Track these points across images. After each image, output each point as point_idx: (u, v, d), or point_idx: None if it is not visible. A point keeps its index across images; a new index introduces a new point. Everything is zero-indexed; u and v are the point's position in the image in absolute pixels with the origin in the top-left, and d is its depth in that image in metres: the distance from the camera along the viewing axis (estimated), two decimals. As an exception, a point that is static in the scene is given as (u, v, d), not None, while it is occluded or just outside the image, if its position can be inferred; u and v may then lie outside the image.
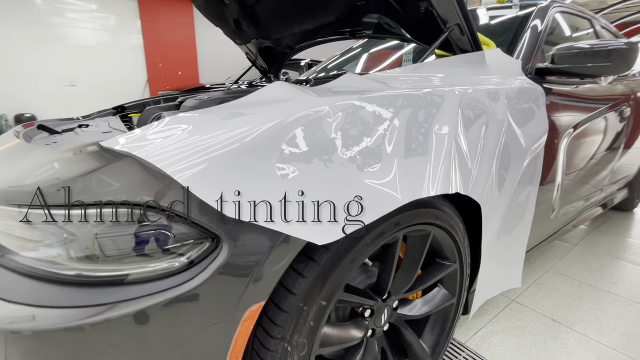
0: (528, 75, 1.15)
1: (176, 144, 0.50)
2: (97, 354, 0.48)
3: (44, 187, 0.50)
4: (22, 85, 5.29)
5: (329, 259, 0.61)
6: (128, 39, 6.02)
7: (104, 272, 0.49)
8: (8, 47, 5.21)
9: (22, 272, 0.53)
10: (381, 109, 0.65)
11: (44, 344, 0.48)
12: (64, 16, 5.58)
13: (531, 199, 1.10)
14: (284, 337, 0.59)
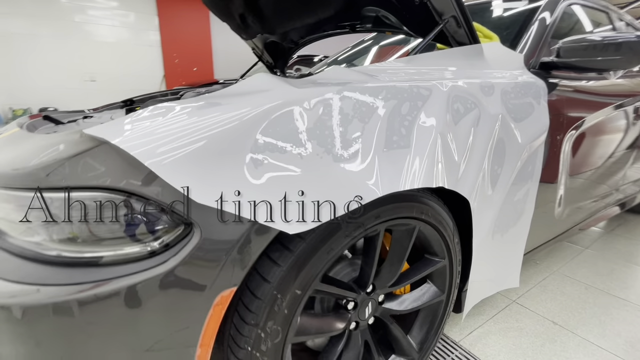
0: (531, 69, 1.11)
1: (150, 132, 0.52)
2: (75, 330, 0.51)
3: (29, 171, 0.53)
4: (46, 80, 5.52)
5: (304, 249, 0.62)
6: (146, 35, 6.18)
7: (81, 254, 0.51)
8: (35, 43, 5.44)
9: (12, 252, 0.56)
10: (361, 101, 0.65)
11: (29, 319, 0.51)
12: (86, 14, 5.77)
13: (530, 197, 1.07)
14: (258, 323, 0.61)
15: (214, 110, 0.56)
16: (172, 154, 0.50)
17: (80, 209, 0.51)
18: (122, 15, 6.05)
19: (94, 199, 0.50)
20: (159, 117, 0.56)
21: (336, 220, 0.63)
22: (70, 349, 0.51)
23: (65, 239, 0.52)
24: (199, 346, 0.56)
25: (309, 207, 0.57)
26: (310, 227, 0.57)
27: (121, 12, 6.03)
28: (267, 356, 0.63)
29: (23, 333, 0.51)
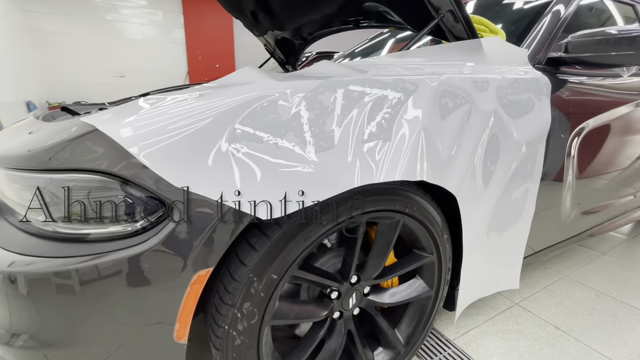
0: (536, 65, 1.08)
1: (135, 120, 0.56)
2: (64, 296, 0.56)
3: (31, 153, 0.59)
4: (80, 76, 5.85)
5: (280, 236, 0.65)
6: (171, 33, 6.40)
7: (71, 231, 0.57)
8: (70, 41, 5.78)
9: (19, 228, 0.62)
10: (341, 94, 0.67)
11: (30, 285, 0.57)
12: (118, 12, 6.06)
13: (530, 196, 1.04)
14: (234, 304, 0.64)
15: (197, 101, 0.59)
16: (152, 140, 0.54)
17: (71, 190, 0.56)
18: (151, 13, 6.29)
19: (82, 181, 0.55)
20: (147, 107, 0.60)
21: (313, 209, 0.66)
22: (59, 314, 0.56)
23: (59, 217, 0.58)
24: (177, 321, 0.60)
25: (281, 195, 0.59)
26: (281, 215, 0.59)
27: (150, 10, 6.28)
28: (243, 335, 0.66)
29: (23, 297, 0.56)
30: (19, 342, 0.60)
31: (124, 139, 0.54)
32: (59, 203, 0.57)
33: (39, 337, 0.59)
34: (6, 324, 0.60)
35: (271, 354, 0.75)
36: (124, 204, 0.56)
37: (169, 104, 0.60)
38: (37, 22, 5.54)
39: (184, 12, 6.31)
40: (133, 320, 0.58)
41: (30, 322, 0.58)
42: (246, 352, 0.67)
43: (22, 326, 0.60)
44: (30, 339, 0.60)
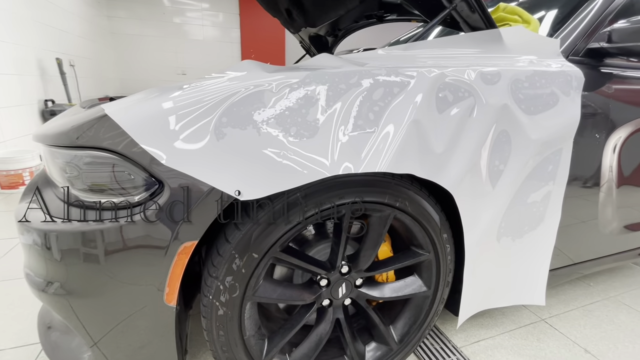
0: (571, 57, 0.98)
1: (137, 106, 0.64)
2: (80, 253, 0.66)
3: (64, 130, 0.69)
4: (149, 73, 6.53)
5: (261, 218, 0.69)
6: (229, 33, 6.82)
7: (88, 199, 0.67)
8: (142, 42, 6.47)
9: (57, 196, 0.75)
10: (328, 86, 0.68)
11: (58, 241, 0.68)
12: (184, 15, 6.62)
13: (553, 201, 0.96)
14: (218, 276, 0.70)
15: (193, 88, 0.65)
16: (151, 124, 0.61)
17: (87, 165, 0.66)
18: (212, 15, 6.77)
19: (95, 157, 0.65)
20: (154, 95, 0.68)
21: (295, 195, 0.69)
22: (77, 267, 0.67)
23: (80, 187, 0.69)
24: (167, 286, 0.68)
25: (259, 179, 0.63)
26: (261, 196, 0.63)
27: (212, 12, 6.76)
28: (226, 307, 0.72)
29: (53, 251, 0.68)
30: (51, 289, 0.73)
31: (122, 121, 0.62)
32: (80, 175, 0.67)
33: (65, 286, 0.71)
34: (43, 274, 0.73)
35: (255, 329, 0.80)
36: (126, 179, 0.65)
37: (170, 92, 0.67)
38: (117, 26, 6.29)
39: (241, 13, 6.68)
40: (131, 280, 0.67)
41: (59, 273, 0.70)
42: (228, 323, 0.73)
43: (53, 276, 0.72)
44: (60, 287, 0.72)
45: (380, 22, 1.39)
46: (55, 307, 0.74)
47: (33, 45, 3.57)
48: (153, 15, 6.46)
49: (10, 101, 3.14)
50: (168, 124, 0.62)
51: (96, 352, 0.75)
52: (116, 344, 0.73)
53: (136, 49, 6.44)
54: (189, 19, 6.67)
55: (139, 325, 0.71)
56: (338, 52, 1.99)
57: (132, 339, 0.72)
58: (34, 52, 3.57)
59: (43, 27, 3.84)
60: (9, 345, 1.07)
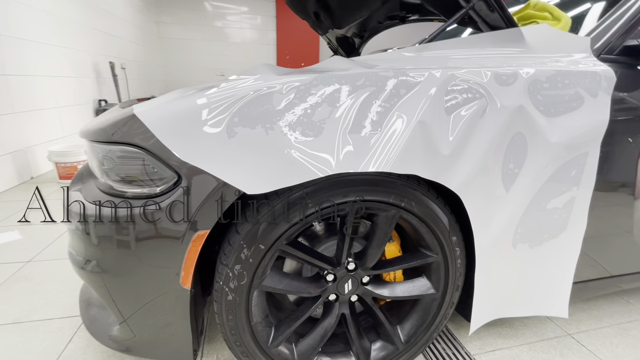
0: (605, 55, 0.92)
1: (161, 107, 0.71)
2: (110, 236, 0.75)
3: (102, 127, 0.79)
4: (190, 75, 6.92)
5: (268, 212, 0.73)
6: (265, 35, 7.03)
7: (119, 188, 0.75)
8: (186, 45, 6.87)
9: (96, 186, 0.85)
10: (334, 87, 0.71)
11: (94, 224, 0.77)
12: (225, 19, 6.95)
13: (577, 208, 0.91)
14: (228, 264, 0.76)
15: (211, 90, 0.71)
16: (171, 123, 0.68)
17: (119, 158, 0.74)
18: (251, 18, 7.03)
19: (125, 152, 0.73)
20: (174, 96, 0.75)
21: (299, 192, 0.73)
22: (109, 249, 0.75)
23: (114, 178, 0.77)
24: (182, 270, 0.74)
25: (264, 176, 0.68)
26: (266, 191, 0.68)
27: (250, 15, 7.02)
28: (234, 293, 0.77)
29: (90, 233, 0.77)
30: (89, 267, 0.83)
31: (147, 120, 0.69)
32: (114, 168, 0.76)
33: (101, 264, 0.81)
34: (83, 253, 0.83)
35: (263, 316, 0.85)
36: (151, 172, 0.72)
37: (190, 93, 0.74)
38: (164, 31, 6.73)
39: (277, 15, 6.86)
40: (153, 263, 0.75)
41: (96, 251, 0.80)
42: (236, 308, 0.78)
43: (92, 254, 0.81)
44: (97, 265, 0.81)
45: (403, 23, 1.39)
46: (92, 283, 0.83)
47: (90, 50, 3.95)
48: (196, 20, 6.85)
49: (70, 100, 3.50)
50: (186, 123, 0.68)
51: (125, 328, 0.84)
52: (143, 322, 0.81)
53: (180, 52, 6.86)
54: (229, 22, 6.98)
55: (162, 305, 0.78)
56: (371, 51, 2.00)
57: (156, 318, 0.80)
58: (91, 57, 3.94)
59: (99, 34, 4.22)
60: (57, 316, 1.22)
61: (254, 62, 7.04)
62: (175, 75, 6.87)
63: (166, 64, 6.79)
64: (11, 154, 2.61)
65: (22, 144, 2.74)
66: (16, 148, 2.67)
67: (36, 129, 2.92)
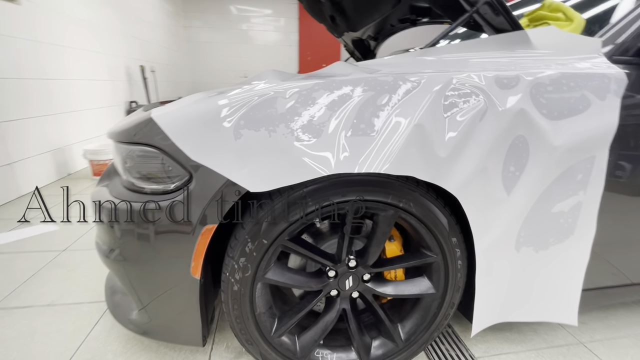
0: (619, 56, 0.89)
1: (175, 111, 0.78)
2: (130, 228, 0.83)
3: (125, 128, 0.87)
4: (215, 77, 7.16)
5: (271, 208, 0.78)
6: (288, 37, 7.15)
7: (138, 185, 0.83)
8: (212, 48, 7.12)
9: (121, 182, 0.93)
10: (335, 92, 0.75)
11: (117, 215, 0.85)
12: (250, 22, 7.14)
13: (584, 213, 0.89)
14: (233, 256, 0.81)
15: (220, 94, 0.77)
16: (184, 126, 0.75)
17: (138, 157, 0.82)
18: (275, 20, 7.17)
19: (143, 151, 0.80)
20: (189, 100, 0.81)
21: (299, 191, 0.77)
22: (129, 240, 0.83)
23: (135, 176, 0.85)
24: (193, 260, 0.81)
25: (266, 175, 0.72)
26: (268, 189, 0.72)
27: (274, 17, 7.16)
28: (239, 284, 0.83)
29: (113, 224, 0.85)
30: (113, 255, 0.91)
31: (162, 123, 0.76)
32: (134, 166, 0.84)
33: (122, 253, 0.89)
34: (107, 242, 0.92)
35: (267, 307, 0.90)
36: (166, 170, 0.79)
37: (203, 96, 0.80)
38: (192, 35, 7.00)
39: (300, 17, 6.96)
40: (168, 254, 0.82)
41: (118, 241, 0.88)
42: (241, 298, 0.84)
43: (114, 244, 0.90)
44: (119, 254, 0.90)
45: (414, 26, 1.40)
46: (115, 271, 0.92)
47: (123, 55, 4.19)
48: (222, 24, 7.07)
49: (104, 102, 3.74)
50: (196, 126, 0.74)
51: (143, 313, 0.92)
52: (159, 308, 0.88)
53: (207, 55, 7.11)
54: (253, 25, 7.15)
55: (175, 293, 0.85)
56: (392, 52, 2.02)
57: (170, 305, 0.87)
58: (123, 61, 4.18)
59: (132, 39, 4.48)
60: (87, 300, 1.33)
61: (276, 63, 7.18)
62: (202, 77, 7.14)
63: (193, 67, 7.06)
64: (51, 152, 2.84)
65: (60, 142, 2.97)
66: (56, 146, 2.90)
67: (73, 129, 3.15)
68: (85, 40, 3.39)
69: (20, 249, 1.71)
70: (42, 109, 2.73)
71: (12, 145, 2.40)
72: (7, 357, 1.05)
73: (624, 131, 0.85)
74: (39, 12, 2.73)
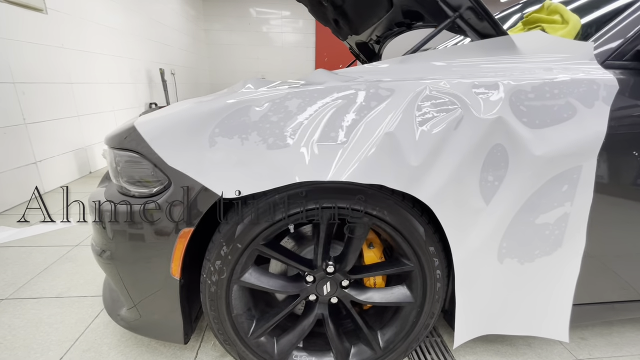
0: (612, 61, 0.85)
1: (156, 120, 0.81)
2: (118, 229, 0.88)
3: (116, 134, 0.91)
4: (234, 79, 7.31)
5: (245, 214, 0.80)
6: (305, 38, 7.20)
7: (126, 187, 0.87)
8: (232, 50, 7.27)
9: (115, 186, 0.99)
10: (307, 100, 0.76)
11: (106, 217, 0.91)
12: (267, 24, 7.24)
13: (572, 225, 0.86)
14: (210, 259, 0.84)
15: (201, 102, 0.80)
16: (163, 133, 0.78)
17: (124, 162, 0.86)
18: (293, 22, 7.24)
19: (127, 157, 0.85)
20: (172, 109, 0.85)
21: (271, 198, 0.79)
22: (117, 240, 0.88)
23: (124, 180, 0.90)
24: (172, 261, 0.84)
25: (237, 182, 0.75)
26: (237, 195, 0.75)
27: (292, 19, 7.23)
28: (215, 285, 0.85)
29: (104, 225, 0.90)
30: (105, 255, 0.97)
31: (142, 130, 0.80)
32: (122, 170, 0.89)
33: (113, 254, 0.94)
34: (99, 242, 0.97)
35: (245, 309, 0.92)
36: (149, 174, 0.83)
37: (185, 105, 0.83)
38: (212, 38, 7.19)
39: (317, 18, 6.99)
40: (148, 254, 0.86)
41: (108, 242, 0.93)
42: (218, 300, 0.87)
43: (105, 245, 0.95)
44: (110, 255, 0.95)
45: (409, 30, 1.38)
46: (105, 271, 0.97)
47: (144, 59, 4.37)
48: (242, 26, 7.22)
49: (125, 104, 3.92)
50: (175, 134, 0.77)
51: (133, 311, 0.96)
52: (147, 307, 0.92)
53: (226, 57, 7.29)
54: (272, 27, 7.25)
55: (159, 293, 0.89)
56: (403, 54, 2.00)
57: (154, 303, 0.91)
58: (144, 64, 4.36)
59: (153, 43, 4.66)
60: (91, 294, 1.41)
61: (293, 64, 7.24)
62: (221, 79, 7.32)
63: (213, 69, 7.26)
64: (74, 151, 3.01)
65: (83, 142, 3.14)
66: (78, 146, 3.08)
67: (95, 130, 3.33)
68: (108, 46, 3.57)
69: (38, 243, 1.84)
70: (66, 111, 2.91)
71: (37, 145, 2.57)
72: (14, 344, 1.14)
73: (614, 140, 0.81)
74: (64, 20, 2.90)
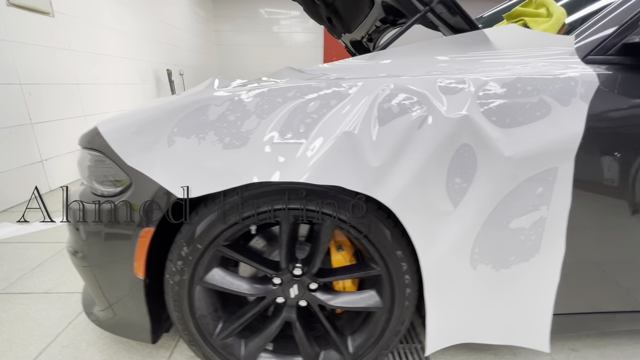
0: (595, 55, 0.80)
1: (117, 120, 0.81)
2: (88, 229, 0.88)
3: (84, 134, 0.92)
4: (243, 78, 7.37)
5: (204, 214, 0.79)
6: (314, 38, 7.18)
7: (95, 187, 0.88)
8: (242, 51, 7.34)
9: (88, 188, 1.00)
10: (266, 99, 0.75)
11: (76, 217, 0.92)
12: (277, 24, 7.27)
13: (549, 230, 0.81)
14: (171, 259, 0.83)
15: (164, 102, 0.79)
16: (122, 134, 0.78)
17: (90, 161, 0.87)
18: (302, 21, 7.24)
19: (93, 156, 0.85)
20: (132, 112, 0.84)
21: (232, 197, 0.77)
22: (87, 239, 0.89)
23: (93, 179, 0.90)
24: (135, 260, 0.84)
25: (195, 181, 0.73)
26: (193, 196, 0.74)
27: (301, 19, 7.23)
28: (178, 286, 0.85)
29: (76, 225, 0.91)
30: (78, 255, 0.97)
31: (103, 131, 0.79)
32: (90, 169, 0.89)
33: (86, 255, 0.94)
34: (72, 243, 0.98)
35: (210, 310, 0.91)
36: (112, 174, 0.83)
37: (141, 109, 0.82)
38: (221, 39, 7.27)
39: (325, 17, 6.97)
40: (112, 253, 0.86)
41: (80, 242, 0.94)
42: (181, 300, 0.86)
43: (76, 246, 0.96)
44: (82, 256, 0.95)
45: (393, 26, 1.34)
46: (78, 269, 0.98)
47: (152, 60, 4.46)
48: (251, 27, 7.27)
49: (132, 105, 4.01)
50: (134, 133, 0.77)
51: (108, 310, 0.97)
52: (116, 306, 0.92)
53: (235, 58, 7.36)
54: (281, 27, 7.28)
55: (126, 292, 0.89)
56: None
57: (124, 304, 0.90)
58: (152, 65, 4.45)
59: (161, 45, 4.75)
60: (78, 290, 1.44)
61: (301, 63, 7.24)
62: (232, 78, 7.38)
63: (222, 69, 7.34)
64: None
65: (90, 142, 3.23)
66: (85, 145, 3.16)
67: (102, 129, 3.41)
68: (116, 48, 3.66)
69: (36, 239, 1.89)
70: (72, 111, 2.99)
71: (43, 144, 2.65)
72: (-2, 338, 1.17)
73: (593, 141, 0.76)
74: (71, 22, 2.98)
